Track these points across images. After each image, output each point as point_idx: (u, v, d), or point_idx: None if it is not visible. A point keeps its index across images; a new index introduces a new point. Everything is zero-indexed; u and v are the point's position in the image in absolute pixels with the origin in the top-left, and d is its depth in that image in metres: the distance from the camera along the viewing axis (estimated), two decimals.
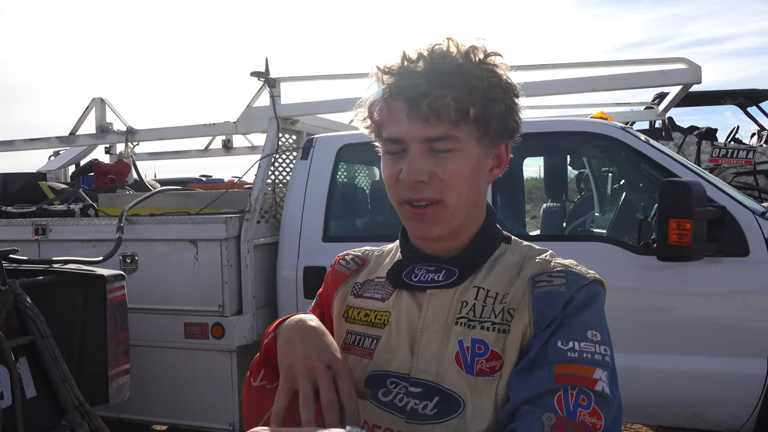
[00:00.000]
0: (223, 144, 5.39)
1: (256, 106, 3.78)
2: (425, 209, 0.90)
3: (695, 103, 7.91)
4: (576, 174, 6.02)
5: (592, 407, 0.77)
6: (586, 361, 0.80)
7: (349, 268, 1.08)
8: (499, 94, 0.88)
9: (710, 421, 2.82)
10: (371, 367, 0.94)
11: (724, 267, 2.73)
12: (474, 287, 0.92)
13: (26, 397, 2.22)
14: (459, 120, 0.86)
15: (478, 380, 0.85)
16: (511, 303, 0.88)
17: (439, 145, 0.87)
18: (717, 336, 2.74)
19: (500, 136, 0.92)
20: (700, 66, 2.92)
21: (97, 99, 4.25)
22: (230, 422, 3.28)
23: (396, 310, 0.95)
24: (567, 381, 0.78)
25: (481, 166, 0.92)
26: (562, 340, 0.82)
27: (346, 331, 1.00)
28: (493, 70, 0.89)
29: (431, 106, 0.84)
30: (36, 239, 3.60)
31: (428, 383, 0.89)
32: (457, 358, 0.87)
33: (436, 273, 0.93)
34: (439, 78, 0.85)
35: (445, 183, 0.88)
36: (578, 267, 0.92)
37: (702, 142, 6.94)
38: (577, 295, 0.86)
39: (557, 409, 0.76)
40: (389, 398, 0.91)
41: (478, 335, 0.87)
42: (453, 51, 0.88)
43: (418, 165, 0.88)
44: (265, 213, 3.51)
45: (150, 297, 3.34)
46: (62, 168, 5.26)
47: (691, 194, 2.46)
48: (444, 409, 0.86)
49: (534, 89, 3.26)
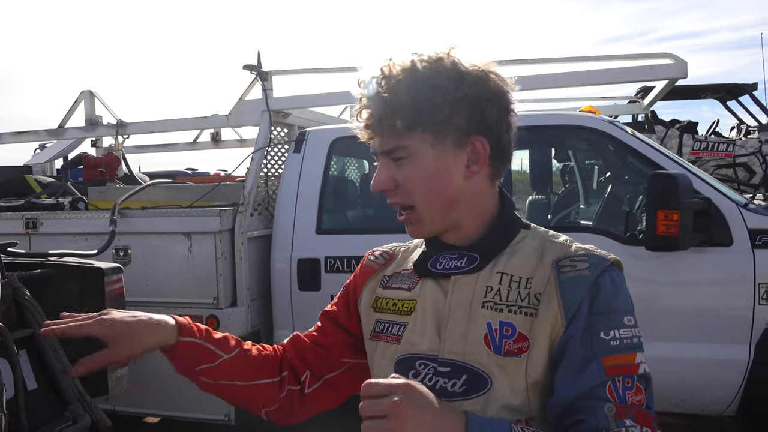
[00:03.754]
0: (211, 137, 5.38)
1: (248, 99, 3.79)
2: (404, 214, 0.99)
3: (676, 97, 8.04)
4: (561, 167, 6.11)
5: (636, 386, 0.87)
6: (628, 347, 0.89)
7: (378, 263, 1.13)
8: (437, 98, 0.91)
9: (695, 406, 2.92)
10: (400, 351, 1.00)
11: (710, 256, 2.82)
12: (497, 273, 0.96)
13: (27, 390, 2.23)
14: (401, 132, 0.92)
15: (506, 360, 0.91)
16: (536, 287, 0.93)
17: (394, 155, 0.96)
18: (702, 323, 2.83)
19: (462, 135, 0.94)
20: (686, 61, 3.00)
21: (87, 92, 4.22)
22: (225, 413, 3.29)
23: (422, 298, 1.01)
24: (615, 372, 0.87)
25: (445, 166, 0.95)
26: (604, 330, 0.89)
27: (375, 320, 1.06)
28: (429, 75, 0.92)
29: (374, 126, 0.94)
30: (27, 233, 3.58)
31: (456, 362, 0.94)
32: (485, 339, 0.93)
33: (459, 260, 0.99)
34: (381, 97, 0.92)
35: (407, 189, 0.96)
36: (598, 250, 0.97)
37: (684, 135, 7.07)
38: (602, 281, 0.91)
39: (611, 399, 0.85)
40: (419, 379, 0.95)
41: (505, 318, 0.93)
42: (400, 67, 0.93)
43: (379, 175, 0.98)
44: (258, 206, 3.53)
45: (144, 290, 3.34)
46: (49, 161, 5.21)
47: (678, 186, 2.54)
48: (472, 387, 0.92)
49: (525, 83, 3.30)
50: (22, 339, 2.27)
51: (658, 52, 3.17)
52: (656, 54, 3.12)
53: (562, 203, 5.37)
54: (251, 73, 3.62)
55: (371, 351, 1.06)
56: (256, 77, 3.64)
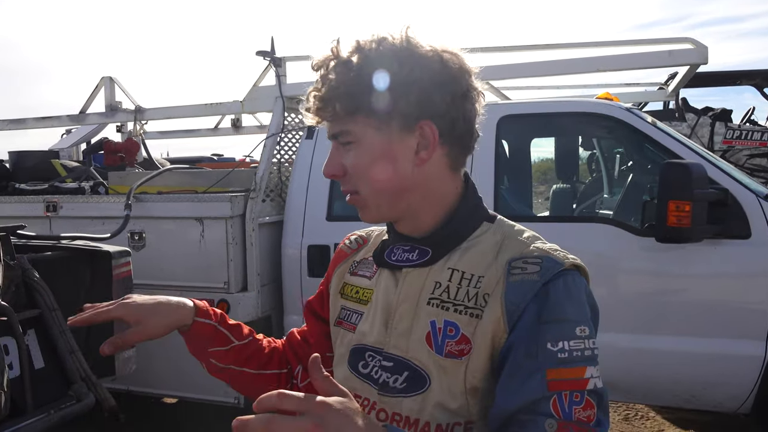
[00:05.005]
0: (232, 123, 5.42)
1: (262, 86, 3.80)
2: (352, 198, 0.95)
3: (709, 83, 7.77)
4: (588, 155, 5.98)
5: (585, 400, 0.80)
6: (577, 361, 0.81)
7: (351, 247, 1.12)
8: (382, 80, 0.87)
9: (708, 402, 2.84)
10: (354, 341, 0.99)
11: (725, 249, 2.72)
12: (449, 269, 0.92)
13: (34, 368, 2.29)
14: (342, 116, 0.89)
15: (446, 361, 0.87)
16: (485, 288, 0.88)
17: (341, 140, 0.92)
18: (716, 318, 2.75)
19: (410, 119, 0.89)
20: (707, 46, 2.89)
21: (107, 78, 4.29)
22: (235, 396, 3.35)
23: (377, 288, 0.99)
24: (560, 387, 0.80)
25: (391, 152, 0.90)
26: (552, 341, 0.81)
27: (341, 307, 1.05)
28: (371, 58, 0.88)
29: (317, 110, 0.91)
30: (47, 216, 3.67)
31: (399, 358, 0.92)
32: (428, 337, 0.89)
33: (411, 252, 0.95)
34: (326, 82, 0.90)
35: (354, 175, 0.92)
36: (557, 252, 0.89)
37: (716, 123, 6.83)
38: (552, 286, 0.84)
39: (554, 414, 0.78)
40: (367, 370, 0.95)
41: (451, 317, 0.88)
42: (329, 54, 0.91)
43: (329, 161, 0.94)
44: (271, 192, 3.55)
45: (158, 273, 3.41)
46: (74, 146, 5.33)
47: (691, 176, 2.46)
48: (412, 384, 0.90)
49: (539, 69, 3.25)
50: (30, 319, 2.33)
51: (681, 36, 3.06)
52: (676, 39, 3.01)
53: (587, 193, 5.27)
54: (264, 59, 3.63)
55: (335, 337, 1.05)
56: (269, 63, 3.65)
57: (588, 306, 0.87)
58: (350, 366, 0.98)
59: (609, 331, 2.82)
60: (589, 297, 0.88)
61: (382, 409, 0.92)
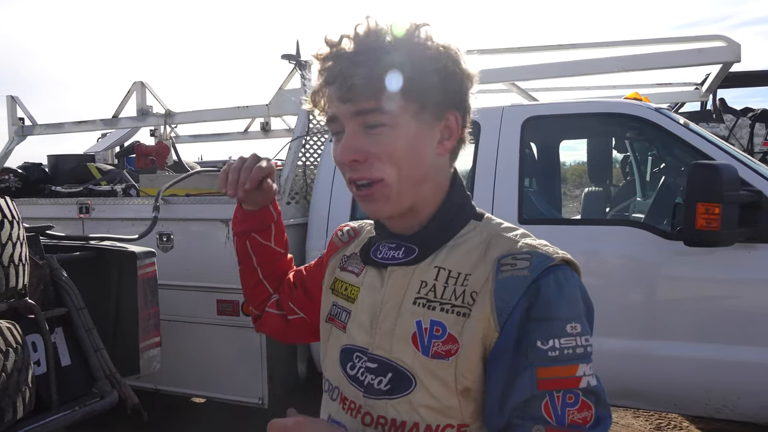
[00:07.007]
0: (261, 126, 5.49)
1: (287, 89, 3.83)
2: (369, 189, 0.89)
3: (750, 83, 7.52)
4: (621, 158, 5.85)
5: (581, 401, 0.77)
6: (568, 359, 0.79)
7: (342, 240, 1.10)
8: (429, 65, 0.86)
9: (740, 413, 2.74)
10: (344, 340, 0.97)
11: (760, 253, 2.62)
12: (435, 267, 0.90)
13: (61, 366, 2.35)
14: (389, 96, 0.85)
15: (432, 362, 0.85)
16: (473, 286, 0.86)
17: (370, 119, 0.86)
18: (751, 325, 2.64)
19: (442, 108, 0.89)
20: (740, 44, 2.80)
21: (138, 83, 4.40)
22: (259, 396, 3.37)
23: (364, 286, 0.97)
24: (550, 387, 0.78)
25: (423, 140, 0.89)
26: (542, 339, 0.79)
27: (332, 303, 1.04)
28: (421, 42, 0.87)
29: (358, 85, 0.84)
30: (80, 218, 3.77)
31: (383, 359, 0.90)
32: (414, 338, 0.87)
33: (397, 250, 0.94)
34: (356, 57, 0.85)
35: (381, 160, 0.87)
36: (546, 247, 0.87)
37: (755, 124, 6.61)
38: (543, 282, 0.82)
39: (546, 418, 0.76)
40: (354, 372, 0.93)
41: (437, 317, 0.86)
42: (374, 29, 0.87)
43: (351, 143, 0.87)
44: (296, 194, 3.57)
45: (185, 274, 3.46)
46: (108, 149, 5.47)
47: (721, 177, 2.37)
48: (396, 386, 0.88)
49: (563, 70, 3.20)
50: (58, 317, 2.39)
51: (711, 34, 2.98)
52: (707, 36, 2.93)
53: (621, 195, 5.16)
54: (290, 63, 3.66)
55: (326, 334, 1.03)
56: (295, 67, 3.68)
57: (582, 302, 0.84)
58: (341, 367, 0.96)
59: (636, 338, 2.76)
60: (583, 292, 0.86)
61: (368, 412, 0.90)
